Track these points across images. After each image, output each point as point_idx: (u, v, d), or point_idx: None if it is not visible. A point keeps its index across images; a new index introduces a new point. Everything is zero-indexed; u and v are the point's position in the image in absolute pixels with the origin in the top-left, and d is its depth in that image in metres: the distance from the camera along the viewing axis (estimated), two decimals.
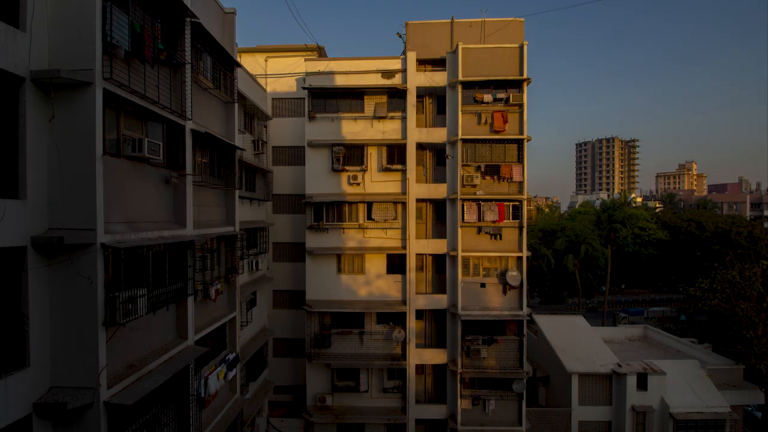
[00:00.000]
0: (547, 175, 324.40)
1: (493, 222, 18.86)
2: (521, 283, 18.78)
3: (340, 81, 19.67)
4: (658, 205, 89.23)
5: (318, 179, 19.93)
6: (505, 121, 18.66)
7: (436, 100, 20.49)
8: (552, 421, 20.68)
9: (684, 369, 21.11)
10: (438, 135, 19.60)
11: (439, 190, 19.72)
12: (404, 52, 19.90)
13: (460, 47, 18.76)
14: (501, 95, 18.77)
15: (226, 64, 14.38)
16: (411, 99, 19.45)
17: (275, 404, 21.73)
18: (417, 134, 19.59)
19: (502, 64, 18.82)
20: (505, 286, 18.92)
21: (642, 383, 20.37)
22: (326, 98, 19.99)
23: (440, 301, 19.67)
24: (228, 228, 14.66)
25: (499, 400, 19.11)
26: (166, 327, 10.94)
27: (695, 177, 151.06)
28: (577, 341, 23.01)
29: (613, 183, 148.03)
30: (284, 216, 22.44)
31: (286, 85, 22.11)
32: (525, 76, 18.52)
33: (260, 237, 19.82)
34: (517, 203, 18.92)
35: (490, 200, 18.84)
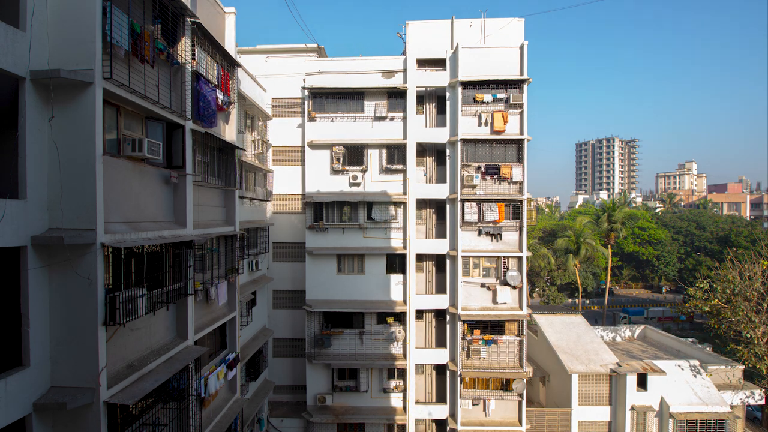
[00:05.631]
0: (547, 175, 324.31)
1: (493, 222, 18.86)
2: (521, 283, 18.78)
3: (340, 81, 19.65)
4: (659, 205, 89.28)
5: (318, 179, 19.95)
6: (505, 122, 18.65)
7: (436, 101, 20.50)
8: (552, 421, 20.70)
9: (684, 369, 21.10)
10: (438, 135, 19.59)
11: (440, 191, 19.72)
12: (404, 52, 19.91)
13: (460, 47, 18.76)
14: (501, 95, 18.77)
15: (226, 64, 14.38)
16: (411, 99, 19.45)
17: (275, 404, 21.73)
18: (417, 134, 19.58)
19: (502, 64, 18.82)
20: (505, 286, 18.92)
21: (642, 383, 20.39)
22: (326, 98, 20.00)
23: (440, 301, 19.67)
24: (228, 228, 14.66)
25: (499, 400, 19.12)
26: (166, 327, 10.94)
27: (695, 177, 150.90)
28: (577, 341, 23.02)
29: (613, 183, 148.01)
30: (284, 216, 22.43)
31: (286, 85, 22.07)
32: (525, 76, 18.52)
33: (260, 237, 19.80)
34: (517, 203, 18.92)
35: (490, 200, 18.83)
